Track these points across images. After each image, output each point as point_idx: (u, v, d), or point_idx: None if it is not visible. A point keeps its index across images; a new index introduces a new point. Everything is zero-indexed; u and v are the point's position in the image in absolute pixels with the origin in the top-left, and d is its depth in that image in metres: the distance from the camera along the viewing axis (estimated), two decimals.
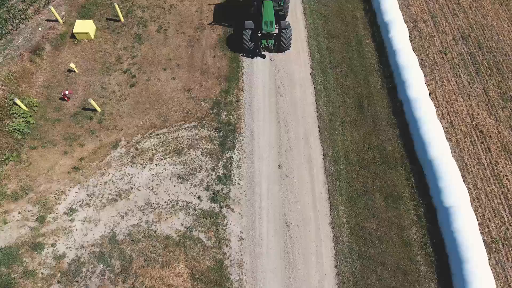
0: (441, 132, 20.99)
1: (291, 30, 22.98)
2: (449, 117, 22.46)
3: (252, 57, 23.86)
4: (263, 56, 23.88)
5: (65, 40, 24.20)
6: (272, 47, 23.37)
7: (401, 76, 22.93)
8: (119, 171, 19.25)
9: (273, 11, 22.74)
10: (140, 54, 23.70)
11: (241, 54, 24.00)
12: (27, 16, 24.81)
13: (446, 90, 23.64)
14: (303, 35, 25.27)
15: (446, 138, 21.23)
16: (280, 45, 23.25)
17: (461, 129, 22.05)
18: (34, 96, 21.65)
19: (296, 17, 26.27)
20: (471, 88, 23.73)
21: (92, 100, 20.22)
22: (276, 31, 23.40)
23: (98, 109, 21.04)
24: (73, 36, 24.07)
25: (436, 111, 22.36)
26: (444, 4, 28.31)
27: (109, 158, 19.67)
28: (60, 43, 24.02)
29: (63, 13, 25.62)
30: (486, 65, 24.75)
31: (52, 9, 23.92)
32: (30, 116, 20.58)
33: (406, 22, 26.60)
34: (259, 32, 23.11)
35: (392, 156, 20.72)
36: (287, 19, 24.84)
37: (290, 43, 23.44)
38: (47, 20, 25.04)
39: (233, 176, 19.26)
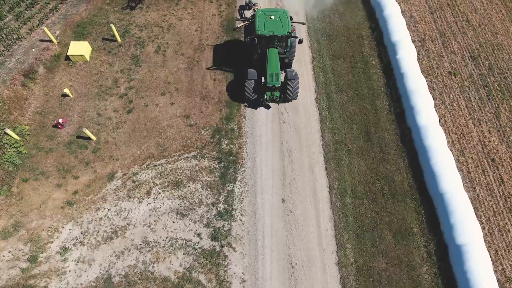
0: (451, 162, 20.08)
1: (298, 80, 21.01)
2: (460, 144, 21.55)
3: (255, 108, 21.87)
4: (268, 107, 21.92)
5: (60, 62, 23.24)
6: (278, 99, 21.46)
7: (410, 101, 22.02)
8: (115, 206, 18.32)
9: (278, 60, 20.83)
10: (137, 77, 22.75)
11: (244, 104, 21.98)
12: (20, 36, 23.84)
13: (456, 115, 22.72)
14: (307, 56, 24.32)
15: (457, 167, 20.37)
16: (285, 96, 21.24)
17: (472, 157, 21.14)
18: (27, 123, 20.71)
19: (299, 36, 25.27)
20: (482, 112, 22.81)
21: (86, 130, 19.29)
22: (282, 78, 21.46)
23: (93, 137, 20.12)
24: (68, 57, 23.12)
25: (446, 138, 21.48)
26: (453, 21, 27.36)
27: (104, 192, 18.75)
28: (54, 65, 23.06)
29: (57, 32, 24.66)
30: (497, 87, 23.83)
31: (46, 30, 22.95)
32: (22, 145, 19.66)
33: (413, 41, 25.68)
34: (263, 82, 21.33)
35: (400, 187, 19.81)
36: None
37: (297, 94, 21.43)
38: (41, 40, 24.08)
39: (235, 211, 18.34)
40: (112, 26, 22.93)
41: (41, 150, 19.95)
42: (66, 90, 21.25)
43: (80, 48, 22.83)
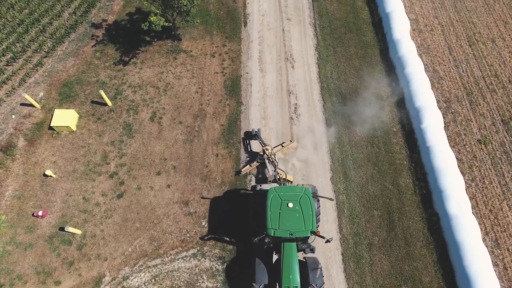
0: (487, 259, 17.61)
1: (321, 271, 15.52)
2: (494, 233, 19.02)
3: None
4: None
5: (42, 132, 20.63)
6: None
7: (438, 183, 19.45)
8: None
9: (297, 259, 14.91)
10: (130, 151, 20.16)
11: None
12: None
13: (489, 195, 20.16)
14: (321, 124, 21.67)
15: (492, 262, 17.90)
16: None
17: (508, 250, 18.61)
18: (3, 211, 18.15)
19: (312, 99, 22.65)
20: None
21: (70, 227, 16.74)
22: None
23: (78, 232, 17.59)
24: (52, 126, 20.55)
25: (479, 225, 18.98)
26: (480, 76, 24.70)
27: None
28: (36, 136, 20.45)
29: (41, 94, 22.01)
30: None
31: (27, 96, 20.29)
32: None
33: (438, 101, 23.06)
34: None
35: None
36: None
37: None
38: (22, 105, 21.46)
39: None
40: (102, 92, 20.28)
41: (19, 246, 17.40)
42: (49, 172, 18.67)
43: (65, 118, 20.20)
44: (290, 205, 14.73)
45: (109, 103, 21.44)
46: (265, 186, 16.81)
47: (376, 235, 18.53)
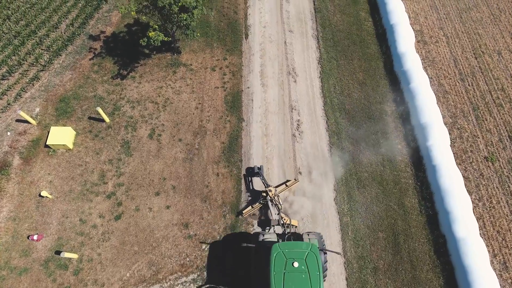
0: (495, 283, 17.08)
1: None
2: (502, 255, 18.50)
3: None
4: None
5: (38, 150, 20.09)
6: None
7: (444, 204, 18.92)
8: None
9: None
10: (128, 170, 19.62)
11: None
12: None
13: (496, 216, 19.64)
14: (324, 142, 21.15)
15: (501, 287, 17.39)
16: None
17: None
18: None
19: (315, 115, 22.11)
20: None
21: (65, 253, 16.17)
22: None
23: (75, 256, 17.07)
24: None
25: (486, 246, 18.47)
26: (486, 90, 24.18)
27: None
28: (32, 154, 19.91)
29: (37, 109, 21.48)
30: None
31: (22, 113, 19.75)
32: None
33: (444, 116, 22.54)
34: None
35: None
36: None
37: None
38: (18, 121, 20.92)
39: None
40: (99, 109, 19.73)
41: (13, 270, 16.86)
42: (44, 193, 18.15)
43: (61, 135, 19.66)
44: (296, 264, 13.69)
45: (107, 119, 20.90)
46: (268, 236, 15.74)
47: (381, 258, 18.01)
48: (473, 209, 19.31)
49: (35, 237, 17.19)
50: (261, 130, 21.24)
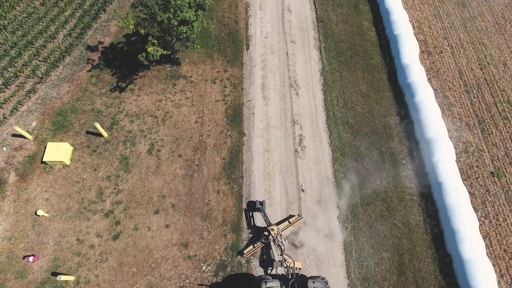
0: None
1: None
2: (509, 275, 18.06)
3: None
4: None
5: (35, 166, 19.63)
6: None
7: (450, 223, 18.46)
8: None
9: None
10: (126, 187, 19.16)
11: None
12: None
13: (503, 234, 19.21)
14: (327, 157, 20.69)
15: None
16: None
17: None
18: None
19: (317, 129, 21.65)
20: None
21: (62, 276, 15.73)
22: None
23: (71, 278, 16.61)
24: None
25: (493, 266, 18.04)
26: (492, 102, 23.71)
27: None
28: (28, 170, 19.45)
29: (34, 123, 21.00)
30: None
31: (18, 129, 19.29)
32: None
33: (449, 130, 22.09)
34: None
35: None
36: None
37: None
38: (14, 136, 20.46)
39: None
40: (97, 125, 19.27)
41: None
42: (40, 212, 17.71)
43: (58, 152, 19.19)
44: None
45: (105, 134, 20.44)
46: (271, 285, 14.86)
47: (386, 279, 17.56)
48: (479, 226, 18.88)
49: (30, 259, 16.72)
50: (262, 145, 20.79)
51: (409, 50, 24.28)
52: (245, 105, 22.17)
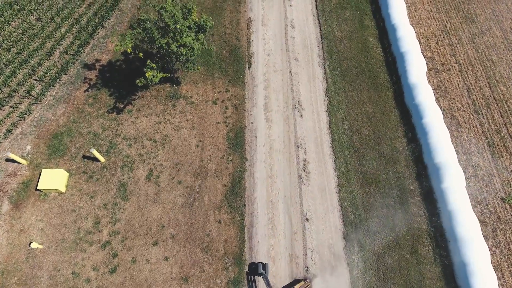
0: None
1: None
2: None
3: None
4: None
5: (29, 193, 18.90)
6: None
7: (461, 255, 17.75)
8: None
9: None
10: (124, 216, 18.45)
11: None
12: None
13: None
14: (333, 183, 19.97)
15: None
16: None
17: None
18: None
19: (322, 153, 20.93)
20: None
21: None
22: None
23: None
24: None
25: None
26: (502, 124, 22.98)
27: None
28: (22, 197, 18.73)
29: (28, 147, 20.28)
30: None
31: (12, 155, 18.57)
32: None
33: (458, 153, 21.37)
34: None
35: None
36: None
37: None
38: (7, 160, 19.73)
39: None
40: (94, 151, 18.56)
41: None
42: (35, 245, 17.00)
43: (53, 179, 18.47)
44: None
45: (102, 159, 19.72)
46: None
47: None
48: (490, 256, 18.19)
49: None
50: (265, 171, 20.07)
51: (416, 68, 23.54)
52: (247, 128, 21.44)
